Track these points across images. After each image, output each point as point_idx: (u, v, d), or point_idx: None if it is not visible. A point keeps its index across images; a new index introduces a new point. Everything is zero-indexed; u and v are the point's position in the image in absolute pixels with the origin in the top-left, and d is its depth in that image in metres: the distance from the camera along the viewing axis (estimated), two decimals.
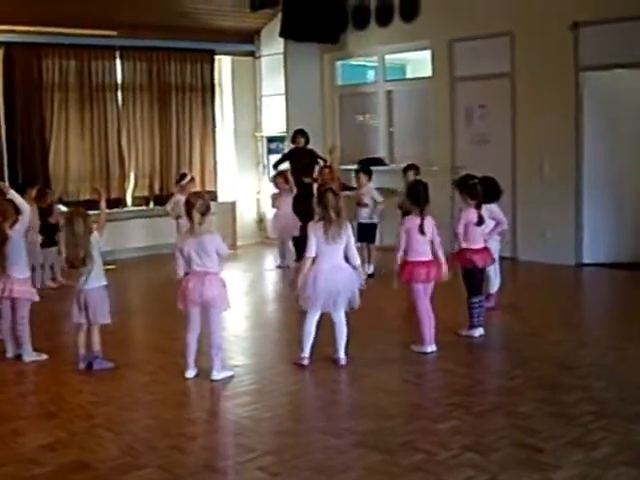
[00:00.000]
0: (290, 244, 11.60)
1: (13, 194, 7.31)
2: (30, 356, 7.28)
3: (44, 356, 7.33)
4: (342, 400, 6.36)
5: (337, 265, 6.76)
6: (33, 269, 9.06)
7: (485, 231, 7.85)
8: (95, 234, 6.91)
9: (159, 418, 5.78)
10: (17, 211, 7.31)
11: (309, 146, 12.19)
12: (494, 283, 8.65)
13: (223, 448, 5.37)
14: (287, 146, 13.18)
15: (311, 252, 6.75)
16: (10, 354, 7.40)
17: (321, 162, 12.19)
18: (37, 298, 7.47)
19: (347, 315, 6.95)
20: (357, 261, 6.85)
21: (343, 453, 5.05)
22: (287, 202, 11.56)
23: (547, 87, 11.16)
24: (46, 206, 10.63)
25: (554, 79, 11.08)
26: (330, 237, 6.67)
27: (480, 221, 7.64)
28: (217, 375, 6.59)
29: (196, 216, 6.49)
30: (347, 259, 6.84)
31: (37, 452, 5.16)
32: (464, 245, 7.63)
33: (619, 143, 11.02)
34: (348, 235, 6.78)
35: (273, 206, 12.10)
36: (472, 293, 7.65)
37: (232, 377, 6.65)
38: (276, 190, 12.01)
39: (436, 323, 7.21)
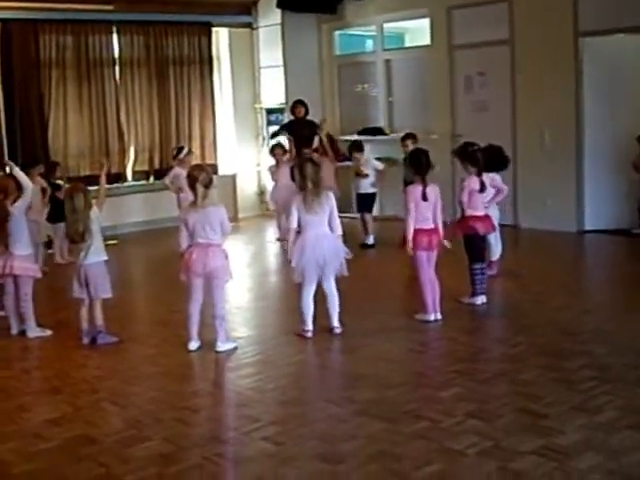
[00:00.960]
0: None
1: (17, 171, 7.32)
2: (34, 332, 7.31)
3: (48, 332, 7.35)
4: (345, 369, 6.38)
5: (322, 234, 6.77)
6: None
7: (486, 199, 7.83)
8: (95, 209, 6.91)
9: (163, 391, 5.81)
10: (19, 188, 7.32)
11: (309, 117, 12.14)
12: (495, 251, 8.64)
13: (227, 419, 5.40)
14: (287, 117, 13.12)
15: (293, 224, 6.78)
16: (14, 330, 7.43)
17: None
18: (39, 275, 7.50)
19: (338, 284, 6.95)
20: (339, 231, 6.86)
21: (346, 422, 5.07)
22: (285, 173, 11.55)
23: (547, 53, 11.09)
24: (55, 180, 10.63)
25: (554, 45, 11.01)
26: (310, 207, 6.68)
27: (482, 188, 7.63)
28: (222, 346, 6.61)
29: (200, 189, 6.49)
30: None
31: (43, 427, 5.20)
32: (468, 213, 7.62)
33: (620, 109, 10.95)
34: (331, 205, 6.78)
35: (273, 179, 12.09)
36: (473, 260, 7.64)
37: (236, 349, 6.67)
38: (274, 162, 12.01)
39: (441, 291, 7.22)
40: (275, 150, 12.01)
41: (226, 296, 7.15)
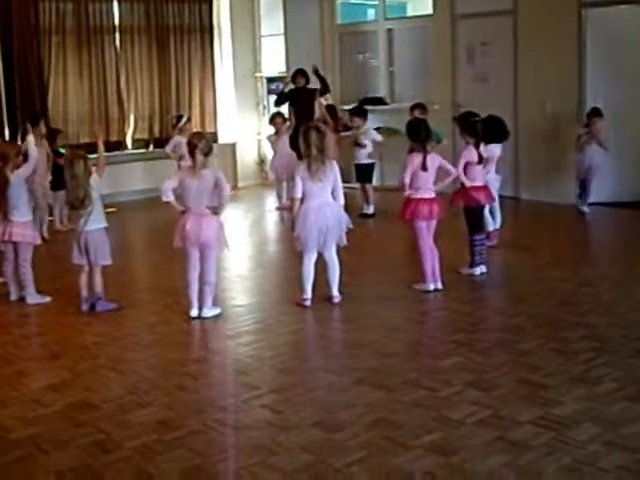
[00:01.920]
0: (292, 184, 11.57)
1: (29, 139, 7.34)
2: (33, 298, 7.31)
3: (47, 298, 7.35)
4: (344, 338, 6.39)
5: (325, 203, 6.74)
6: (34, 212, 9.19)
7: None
8: (94, 176, 6.89)
9: (163, 358, 5.83)
10: (19, 154, 7.32)
11: (310, 86, 12.07)
12: (491, 221, 8.59)
13: (227, 386, 5.40)
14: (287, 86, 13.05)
15: (297, 193, 6.75)
16: (14, 297, 7.44)
17: (322, 101, 12.09)
18: (39, 241, 7.49)
19: (339, 253, 6.94)
20: (342, 200, 6.84)
21: (345, 390, 5.09)
22: (285, 143, 11.52)
23: (550, 24, 11.01)
24: (57, 148, 10.58)
25: (557, 16, 10.94)
26: (314, 174, 6.65)
27: (480, 160, 7.61)
28: (208, 312, 6.67)
29: (199, 157, 6.46)
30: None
31: (42, 392, 5.22)
32: (468, 184, 7.59)
33: (622, 81, 10.89)
34: (335, 173, 6.75)
35: (272, 148, 12.09)
36: (474, 231, 7.63)
37: (221, 314, 6.72)
38: (273, 131, 11.97)
39: (440, 261, 7.21)
40: (275, 119, 11.98)
41: (224, 264, 7.15)
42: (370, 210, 11.04)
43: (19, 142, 10.52)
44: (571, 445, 4.19)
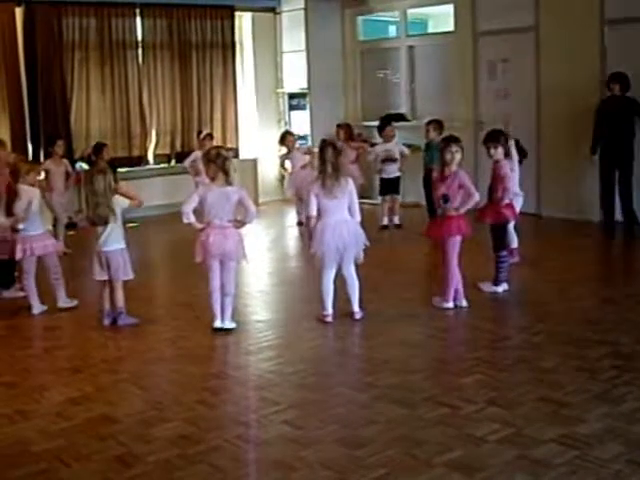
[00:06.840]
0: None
1: (23, 185, 7.47)
2: (64, 302, 7.49)
3: (75, 302, 7.55)
4: (365, 354, 6.37)
5: (342, 220, 6.74)
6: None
7: None
8: (119, 198, 6.92)
9: (184, 372, 5.83)
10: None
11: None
12: (515, 238, 8.56)
13: (248, 402, 5.38)
14: (308, 102, 13.10)
15: (312, 210, 6.76)
16: (36, 311, 7.47)
17: None
18: (61, 247, 7.56)
19: (358, 269, 6.93)
20: (359, 217, 6.84)
21: (366, 407, 5.07)
22: (299, 159, 11.55)
23: (572, 41, 10.98)
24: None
25: (579, 33, 10.91)
26: (329, 191, 6.65)
27: None
28: (229, 324, 6.71)
29: (227, 164, 6.55)
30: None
31: (64, 406, 5.24)
32: (506, 200, 7.56)
33: None
34: (350, 191, 6.75)
35: (283, 167, 12.23)
36: (501, 247, 7.59)
37: (236, 327, 6.73)
38: (285, 151, 11.99)
39: (464, 279, 7.19)
40: (286, 138, 11.95)
41: (240, 279, 7.15)
42: (396, 220, 11.27)
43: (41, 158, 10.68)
44: (594, 464, 4.16)
